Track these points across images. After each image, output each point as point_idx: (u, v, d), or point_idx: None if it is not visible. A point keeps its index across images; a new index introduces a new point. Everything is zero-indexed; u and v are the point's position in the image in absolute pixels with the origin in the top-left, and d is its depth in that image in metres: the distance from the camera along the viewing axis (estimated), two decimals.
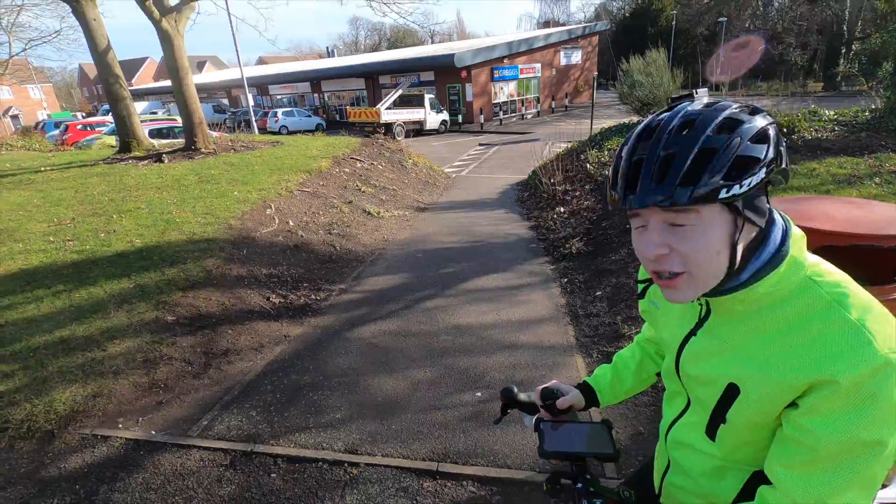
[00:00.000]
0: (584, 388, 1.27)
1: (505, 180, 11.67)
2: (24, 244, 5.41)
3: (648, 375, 1.26)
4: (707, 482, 0.95)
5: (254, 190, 7.12)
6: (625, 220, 5.84)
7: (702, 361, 0.88)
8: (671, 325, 0.97)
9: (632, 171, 0.77)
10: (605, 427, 1.16)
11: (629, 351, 1.29)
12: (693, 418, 0.95)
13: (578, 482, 1.07)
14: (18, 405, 3.07)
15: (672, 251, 0.75)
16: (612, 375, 1.27)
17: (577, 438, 1.14)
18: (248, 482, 2.50)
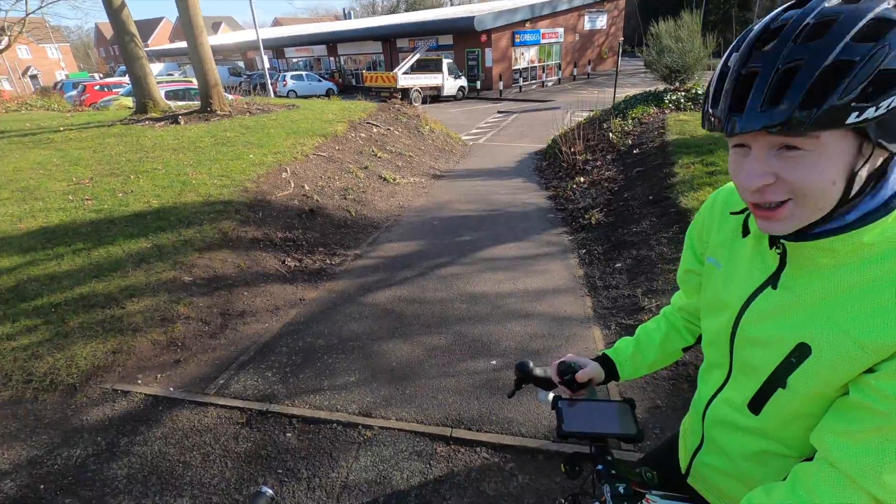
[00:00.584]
0: (602, 360, 1.19)
1: (523, 149, 11.42)
2: (44, 203, 5.46)
3: (674, 350, 1.17)
4: (748, 465, 0.88)
5: (269, 153, 7.05)
6: (647, 191, 5.67)
7: (769, 320, 0.78)
8: (734, 283, 0.87)
9: (740, 87, 0.64)
10: (627, 406, 1.10)
11: (654, 323, 1.21)
12: (733, 392, 0.88)
13: (599, 463, 1.02)
14: (41, 359, 3.13)
15: (778, 180, 0.65)
16: (634, 348, 1.19)
17: (598, 418, 1.08)
18: (264, 440, 2.54)
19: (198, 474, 2.33)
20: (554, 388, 1.26)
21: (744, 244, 0.87)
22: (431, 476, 2.30)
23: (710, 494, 1.03)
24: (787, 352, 0.75)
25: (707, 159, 5.86)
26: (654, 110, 9.19)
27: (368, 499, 2.19)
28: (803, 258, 0.74)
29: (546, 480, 2.25)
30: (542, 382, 1.24)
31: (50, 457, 2.45)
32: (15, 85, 38.36)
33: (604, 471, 1.00)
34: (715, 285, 0.93)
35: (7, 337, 3.30)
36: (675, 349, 1.17)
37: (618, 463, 1.02)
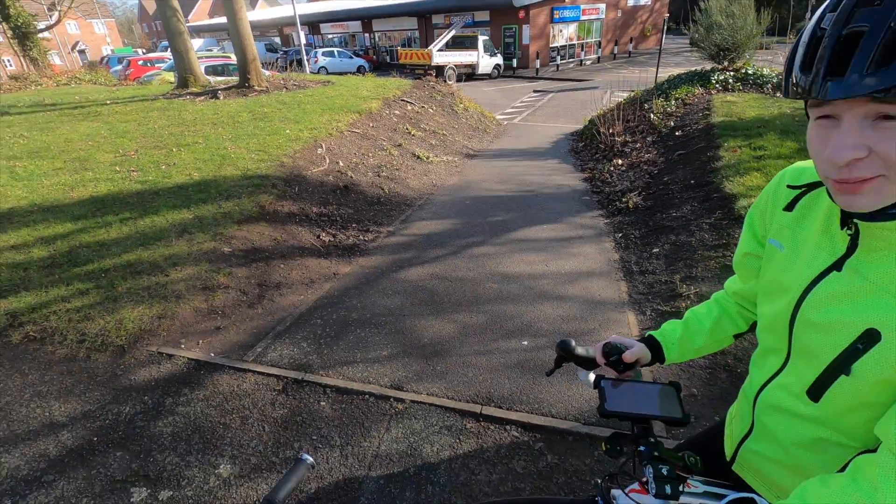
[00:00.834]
0: (647, 342, 1.16)
1: (559, 129, 11.16)
2: (93, 173, 5.69)
3: (725, 336, 1.13)
4: (802, 453, 0.85)
5: (305, 129, 7.12)
6: (689, 175, 5.47)
7: (834, 304, 0.75)
8: (797, 265, 0.83)
9: (841, 48, 0.59)
10: (672, 389, 1.07)
11: (705, 308, 1.17)
12: (791, 378, 0.85)
13: (641, 444, 1.00)
14: (93, 320, 3.31)
15: (871, 154, 0.60)
16: (683, 331, 1.15)
17: (642, 399, 1.06)
18: (299, 407, 2.62)
19: (237, 436, 2.43)
20: (595, 369, 1.24)
21: (810, 225, 0.83)
22: (461, 451, 2.33)
23: (756, 482, 1.01)
24: (854, 338, 0.71)
25: (755, 143, 5.58)
26: (700, 91, 8.79)
27: (399, 469, 2.24)
28: (878, 240, 0.70)
29: (576, 461, 2.25)
30: (584, 362, 1.22)
31: (102, 412, 2.60)
32: (64, 59, 39.82)
33: (646, 452, 0.98)
34: (775, 268, 0.89)
35: (62, 299, 3.49)
36: (726, 335, 1.13)
37: (660, 445, 1.00)
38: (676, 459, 0.98)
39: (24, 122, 8.11)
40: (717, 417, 2.43)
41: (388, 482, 2.17)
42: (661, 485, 0.91)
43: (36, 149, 6.64)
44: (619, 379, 1.12)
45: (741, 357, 2.77)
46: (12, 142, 7.00)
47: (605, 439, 1.03)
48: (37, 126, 7.85)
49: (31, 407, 2.64)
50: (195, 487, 2.15)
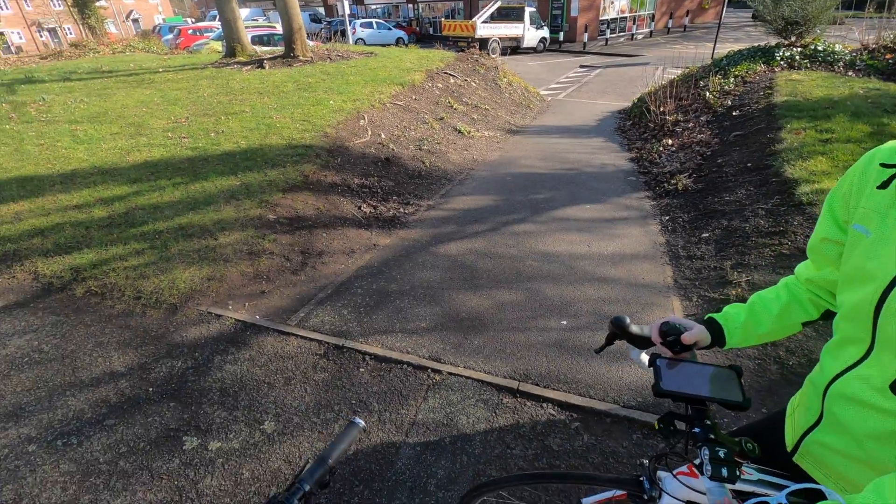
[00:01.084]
0: (707, 325, 1.11)
1: (605, 107, 10.77)
2: (147, 138, 5.91)
3: (793, 323, 1.07)
4: (877, 447, 0.81)
5: (348, 100, 7.13)
6: (746, 157, 5.18)
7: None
8: (885, 252, 0.78)
9: None
10: (733, 372, 1.03)
11: (773, 293, 1.10)
12: (872, 370, 0.80)
13: (696, 426, 0.98)
14: (148, 279, 3.48)
15: None
16: (747, 316, 1.09)
17: (700, 380, 1.02)
18: (340, 372, 2.69)
19: (280, 395, 2.53)
20: (649, 348, 1.20)
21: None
22: (497, 425, 2.34)
23: (819, 474, 0.97)
24: None
25: (821, 125, 5.21)
26: (762, 68, 8.23)
27: (435, 437, 2.28)
28: None
29: (612, 443, 2.23)
30: (637, 341, 1.18)
31: (156, 365, 2.75)
32: (119, 28, 41.17)
33: (701, 434, 0.96)
34: (860, 254, 0.84)
35: (120, 257, 3.68)
36: (794, 322, 1.07)
37: (716, 428, 0.97)
38: (733, 444, 0.94)
39: (84, 88, 8.47)
40: (764, 410, 2.34)
41: (425, 449, 2.22)
42: (717, 467, 0.88)
43: (95, 114, 6.94)
44: (677, 359, 1.08)
45: (793, 349, 2.65)
46: (73, 107, 7.33)
47: (659, 418, 1.01)
48: (95, 92, 8.19)
49: (93, 356, 2.82)
50: (241, 441, 2.26)
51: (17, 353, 2.85)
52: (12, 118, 6.86)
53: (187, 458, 2.17)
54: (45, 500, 1.99)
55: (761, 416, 1.23)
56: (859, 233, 0.84)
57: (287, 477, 2.08)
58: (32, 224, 4.15)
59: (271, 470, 2.11)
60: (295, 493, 0.81)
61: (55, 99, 7.74)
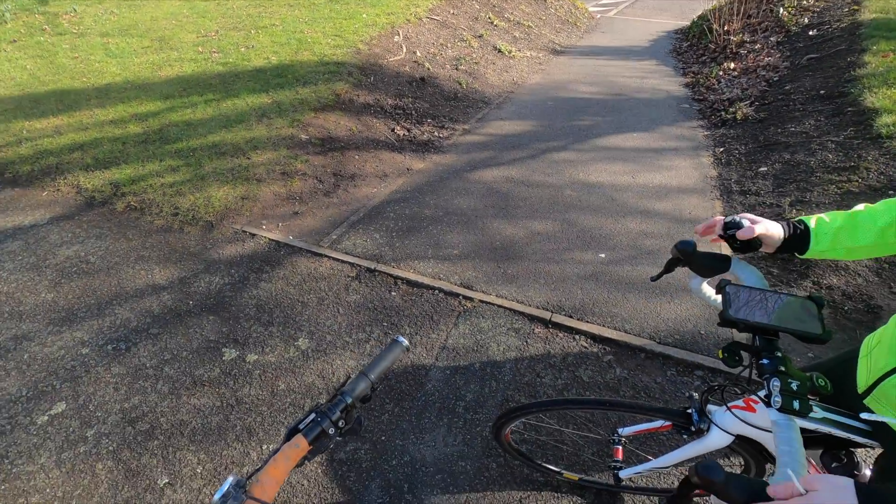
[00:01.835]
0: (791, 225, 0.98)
1: (660, 25, 9.82)
2: (178, 53, 5.76)
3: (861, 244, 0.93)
4: None
5: (382, 13, 6.69)
6: (819, 83, 4.65)
7: None
8: None
9: None
10: (812, 303, 0.92)
11: (883, 204, 0.95)
12: None
13: (763, 357, 0.90)
14: (184, 196, 3.50)
15: None
16: (845, 222, 0.95)
17: (773, 309, 0.93)
18: (371, 295, 2.70)
19: (314, 314, 2.57)
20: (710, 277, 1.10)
21: None
22: (527, 354, 2.33)
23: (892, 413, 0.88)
24: None
25: None
26: None
27: (465, 362, 2.29)
28: None
29: (646, 378, 2.19)
30: (702, 268, 1.07)
31: (195, 280, 2.82)
32: None
33: (770, 365, 0.88)
34: None
35: (156, 174, 3.71)
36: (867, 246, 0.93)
37: (787, 360, 0.89)
38: (804, 379, 0.86)
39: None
40: (810, 354, 2.23)
41: (454, 373, 2.24)
42: (788, 399, 0.82)
43: (125, 26, 6.78)
44: (748, 287, 0.98)
45: (850, 293, 2.48)
46: (104, 18, 7.17)
47: (723, 348, 0.93)
48: (125, 3, 7.96)
49: (136, 269, 2.92)
50: (277, 355, 2.33)
51: (66, 263, 2.97)
52: (46, 30, 6.79)
53: (227, 368, 2.26)
54: (100, 398, 2.13)
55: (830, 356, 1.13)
56: None
57: (321, 391, 2.15)
58: (72, 139, 4.20)
59: (305, 384, 2.19)
60: (337, 405, 0.81)
61: (86, 10, 7.57)
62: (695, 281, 1.16)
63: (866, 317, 2.37)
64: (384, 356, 0.90)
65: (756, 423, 1.06)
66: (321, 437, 0.77)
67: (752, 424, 1.07)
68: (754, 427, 1.07)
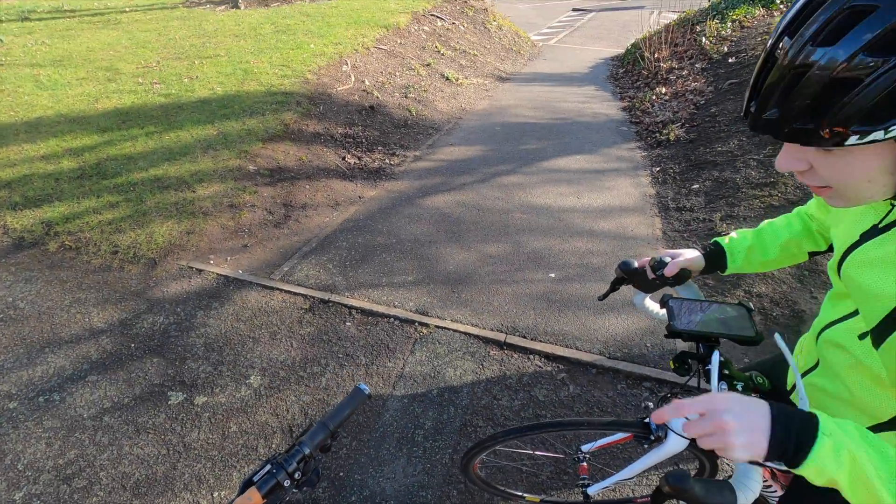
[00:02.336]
0: (708, 248, 1.12)
1: (598, 53, 10.41)
2: (116, 84, 5.58)
3: (800, 251, 1.07)
4: (862, 392, 0.81)
5: (330, 44, 6.76)
6: (740, 106, 5.04)
7: (869, 271, 0.72)
8: (846, 221, 0.81)
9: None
10: (743, 308, 1.05)
11: (784, 220, 1.09)
12: (861, 324, 0.80)
13: (710, 363, 1.00)
14: (124, 233, 3.36)
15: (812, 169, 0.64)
16: (754, 241, 1.09)
17: (711, 318, 1.05)
18: (326, 326, 2.66)
19: (266, 350, 2.50)
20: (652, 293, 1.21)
21: None
22: (484, 377, 2.36)
23: None
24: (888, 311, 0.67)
25: None
26: (761, 12, 7.94)
27: (423, 390, 2.29)
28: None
29: (598, 393, 2.26)
30: (644, 285, 1.18)
31: (138, 321, 2.69)
32: None
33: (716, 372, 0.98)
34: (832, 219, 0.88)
35: (93, 210, 3.54)
36: (802, 251, 1.07)
37: (730, 364, 1.00)
38: (744, 378, 0.97)
39: (45, 29, 7.91)
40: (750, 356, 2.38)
41: (412, 401, 2.23)
42: None
43: (58, 57, 6.51)
44: (688, 299, 1.10)
45: (777, 300, 2.67)
46: (34, 49, 6.86)
47: (673, 358, 1.05)
48: (57, 33, 7.65)
49: (71, 312, 2.75)
50: (228, 395, 2.25)
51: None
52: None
53: (173, 413, 2.16)
54: (31, 455, 1.98)
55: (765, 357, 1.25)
56: None
57: (274, 430, 2.09)
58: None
59: (259, 424, 2.12)
60: (294, 456, 0.79)
61: (14, 41, 7.22)
62: (638, 297, 1.26)
63: (793, 321, 2.55)
64: (345, 405, 0.89)
65: None
66: (276, 490, 0.76)
67: None
68: None
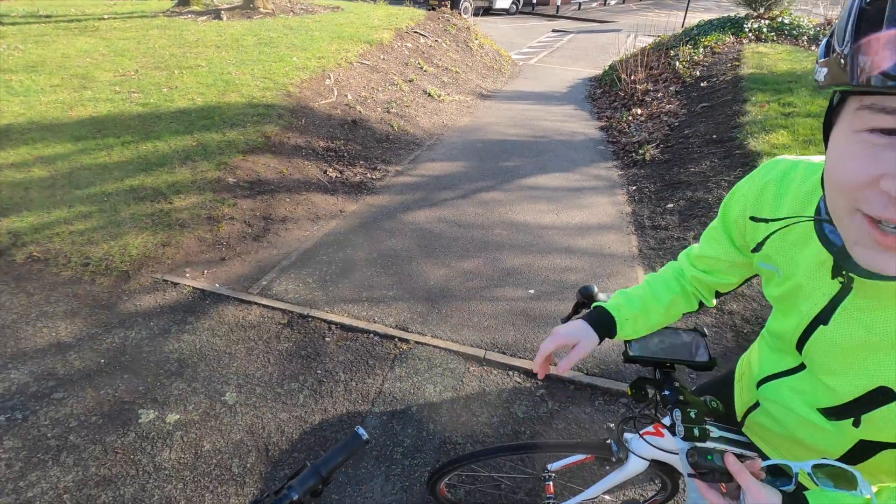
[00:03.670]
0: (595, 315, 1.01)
1: (576, 73, 10.68)
2: (92, 92, 5.47)
3: (678, 313, 1.04)
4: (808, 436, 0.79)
5: (313, 57, 6.78)
6: (712, 129, 5.24)
7: (840, 355, 0.67)
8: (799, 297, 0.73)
9: None
10: (698, 334, 1.08)
11: (663, 284, 1.04)
12: (804, 386, 0.77)
13: (665, 389, 1.00)
14: (97, 244, 3.27)
15: None
16: (641, 308, 1.01)
17: (667, 344, 1.07)
18: (304, 342, 2.63)
19: (242, 366, 2.46)
20: None
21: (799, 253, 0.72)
22: (463, 393, 2.36)
23: (765, 445, 0.97)
24: (864, 391, 0.64)
25: (784, 99, 5.32)
26: (731, 39, 8.30)
27: (402, 406, 2.27)
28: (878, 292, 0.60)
29: (576, 409, 2.28)
30: None
31: (108, 335, 2.62)
32: None
33: (671, 396, 0.98)
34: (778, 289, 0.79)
35: (64, 221, 3.44)
36: (679, 312, 1.04)
37: (684, 390, 1.00)
38: (700, 404, 0.97)
39: (18, 34, 7.72)
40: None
41: (391, 418, 2.21)
42: (689, 429, 0.91)
43: (32, 63, 6.35)
44: None
45: (748, 318, 2.76)
46: (6, 54, 6.68)
47: (630, 384, 1.03)
48: (31, 38, 7.48)
49: (37, 326, 2.66)
50: (202, 413, 2.19)
51: None
52: None
53: (143, 432, 2.09)
54: None
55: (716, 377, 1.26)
56: (769, 269, 0.80)
57: (250, 449, 2.04)
58: None
59: (233, 442, 2.07)
60: (282, 500, 0.75)
61: None
62: None
63: None
64: (340, 450, 0.83)
65: (665, 446, 1.16)
66: None
67: (662, 448, 1.17)
68: (663, 451, 1.17)
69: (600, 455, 1.28)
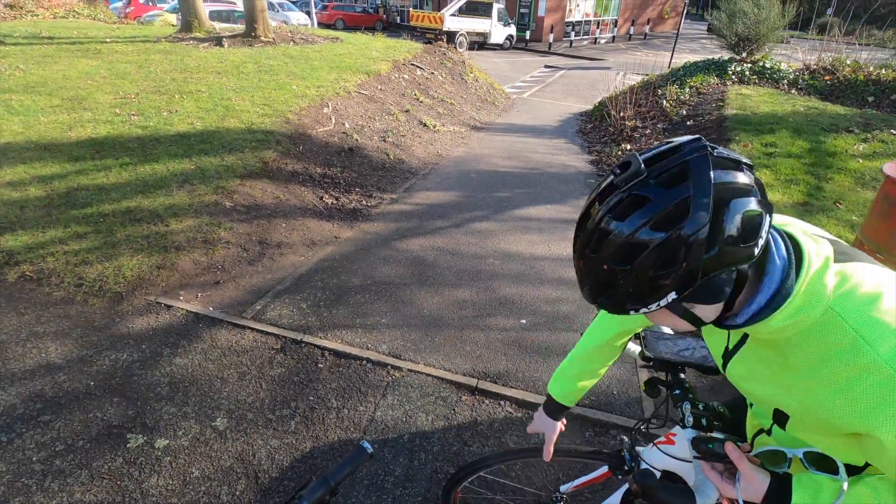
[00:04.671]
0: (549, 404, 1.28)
1: (568, 108, 10.99)
2: (92, 113, 5.53)
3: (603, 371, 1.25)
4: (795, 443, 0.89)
5: (312, 86, 6.94)
6: None
7: (745, 383, 0.86)
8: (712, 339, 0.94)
9: None
10: None
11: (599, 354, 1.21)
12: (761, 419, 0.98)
13: (676, 388, 1.13)
14: (91, 265, 3.27)
15: None
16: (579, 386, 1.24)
17: (681, 348, 1.20)
18: (297, 368, 2.64)
19: (234, 391, 2.45)
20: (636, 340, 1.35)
21: None
22: (455, 422, 2.37)
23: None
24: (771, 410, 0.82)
25: (766, 139, 5.54)
26: (715, 81, 8.64)
27: (394, 435, 2.28)
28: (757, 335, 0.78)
29: (566, 440, 2.30)
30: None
31: (99, 357, 2.60)
32: None
33: (681, 394, 1.11)
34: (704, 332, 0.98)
35: (59, 241, 3.45)
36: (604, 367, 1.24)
37: (694, 389, 1.12)
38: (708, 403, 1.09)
39: (20, 54, 7.82)
40: None
41: (383, 447, 2.21)
42: (697, 418, 1.03)
43: (32, 83, 6.42)
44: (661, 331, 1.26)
45: None
46: (7, 74, 6.76)
47: (645, 382, 1.18)
48: (33, 59, 7.57)
49: (27, 347, 2.64)
50: (191, 438, 2.18)
51: None
52: None
53: (131, 457, 2.07)
54: None
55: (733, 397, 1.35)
56: None
57: (239, 476, 2.03)
58: None
59: (223, 468, 2.05)
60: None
61: None
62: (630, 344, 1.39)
63: None
64: (347, 462, 0.88)
65: (677, 454, 1.21)
66: None
67: (674, 456, 1.21)
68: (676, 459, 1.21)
69: (614, 465, 1.32)
